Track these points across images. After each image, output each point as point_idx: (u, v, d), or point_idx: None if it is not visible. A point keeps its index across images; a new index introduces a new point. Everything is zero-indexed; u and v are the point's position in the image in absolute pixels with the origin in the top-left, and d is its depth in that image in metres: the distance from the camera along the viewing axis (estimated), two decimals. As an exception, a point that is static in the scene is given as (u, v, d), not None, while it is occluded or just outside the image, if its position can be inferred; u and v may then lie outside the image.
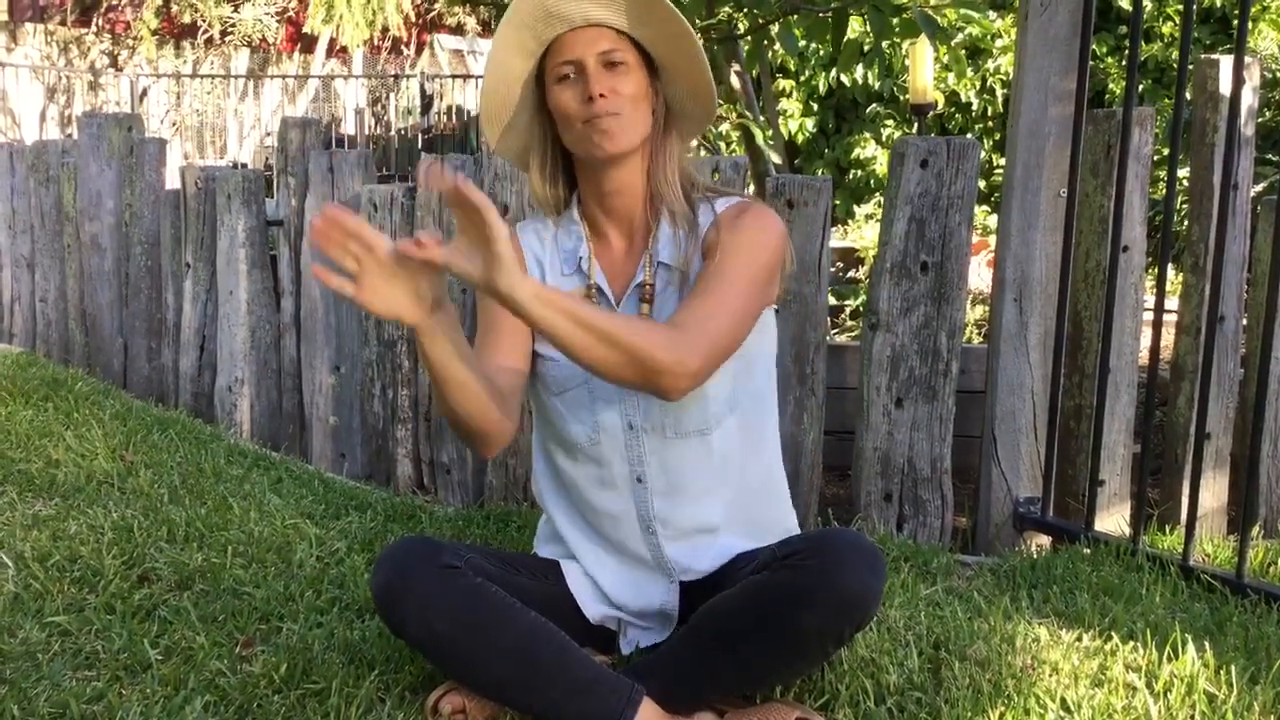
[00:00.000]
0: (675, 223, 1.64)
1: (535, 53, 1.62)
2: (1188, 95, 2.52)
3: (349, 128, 12.36)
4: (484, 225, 1.28)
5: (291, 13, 13.19)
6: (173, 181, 3.74)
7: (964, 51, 6.70)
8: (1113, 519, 2.46)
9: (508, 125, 1.68)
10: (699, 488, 1.68)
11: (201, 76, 12.73)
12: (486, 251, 1.30)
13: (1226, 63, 2.43)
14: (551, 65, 1.61)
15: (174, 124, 12.22)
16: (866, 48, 5.18)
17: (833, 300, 4.61)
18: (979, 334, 4.24)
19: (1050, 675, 1.68)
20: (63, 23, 12.29)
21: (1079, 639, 1.82)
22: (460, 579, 1.51)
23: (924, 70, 5.23)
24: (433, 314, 1.38)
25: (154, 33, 12.24)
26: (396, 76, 13.26)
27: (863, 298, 4.46)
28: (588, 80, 1.57)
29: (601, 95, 1.56)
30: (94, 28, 12.49)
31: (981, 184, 6.58)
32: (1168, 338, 2.65)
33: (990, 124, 7.32)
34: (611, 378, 1.45)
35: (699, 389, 1.56)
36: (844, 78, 7.41)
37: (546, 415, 1.73)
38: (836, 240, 6.15)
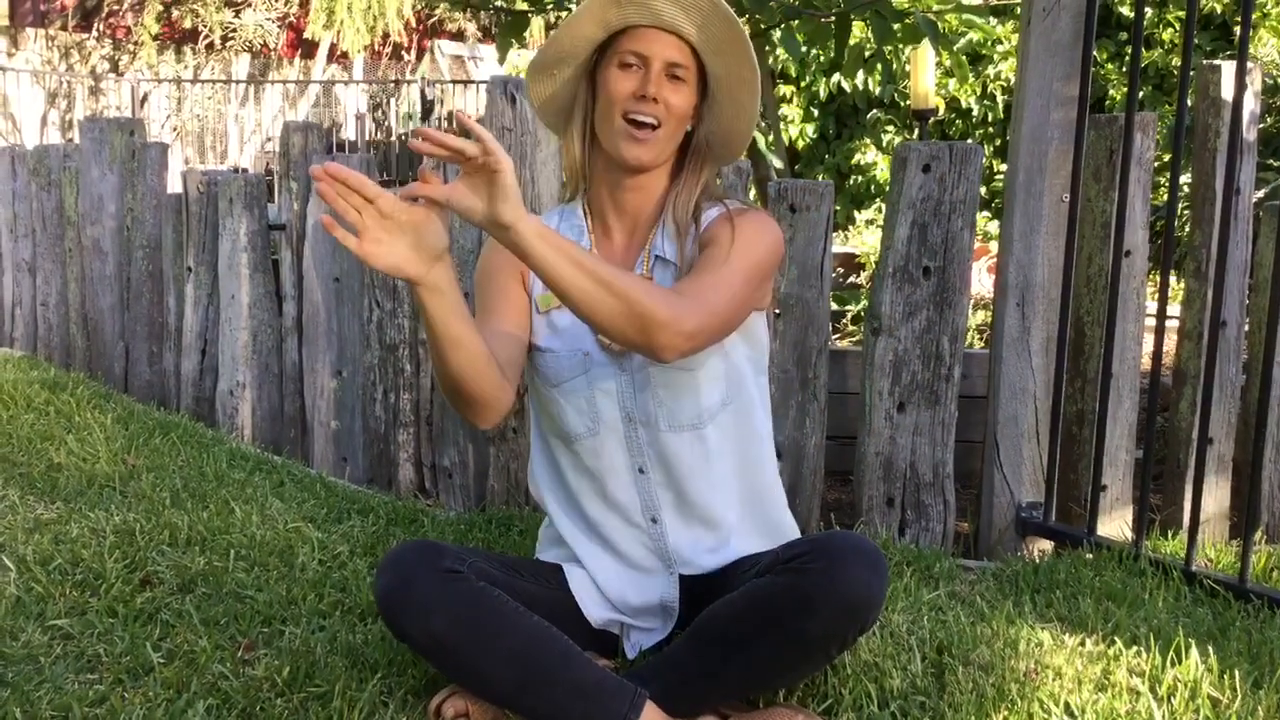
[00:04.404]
0: (680, 230, 1.67)
1: (611, 28, 1.64)
2: (1189, 101, 2.52)
3: (350, 133, 12.37)
4: (488, 156, 1.31)
5: (292, 18, 13.20)
6: (174, 186, 3.74)
7: (965, 57, 6.71)
8: (1115, 524, 2.46)
9: (552, 85, 1.70)
10: (701, 482, 1.70)
11: (202, 81, 12.75)
12: (491, 185, 1.33)
13: (1228, 68, 2.44)
14: (620, 47, 1.63)
15: (175, 129, 12.23)
16: (868, 53, 5.19)
17: (834, 305, 4.61)
18: (981, 339, 4.24)
19: (1054, 680, 1.68)
20: (64, 27, 12.30)
21: (1082, 644, 1.82)
22: (462, 583, 1.51)
23: (925, 76, 5.24)
24: (433, 268, 1.39)
25: (155, 38, 12.25)
26: (397, 82, 13.28)
27: (864, 303, 4.46)
28: (648, 79, 1.61)
29: (654, 100, 1.61)
30: (95, 33, 12.50)
31: (983, 190, 6.57)
32: (1170, 343, 2.65)
33: (991, 130, 7.33)
34: (607, 327, 1.45)
35: (693, 382, 1.64)
36: (845, 83, 7.41)
37: (546, 408, 1.74)
38: (837, 246, 6.15)
